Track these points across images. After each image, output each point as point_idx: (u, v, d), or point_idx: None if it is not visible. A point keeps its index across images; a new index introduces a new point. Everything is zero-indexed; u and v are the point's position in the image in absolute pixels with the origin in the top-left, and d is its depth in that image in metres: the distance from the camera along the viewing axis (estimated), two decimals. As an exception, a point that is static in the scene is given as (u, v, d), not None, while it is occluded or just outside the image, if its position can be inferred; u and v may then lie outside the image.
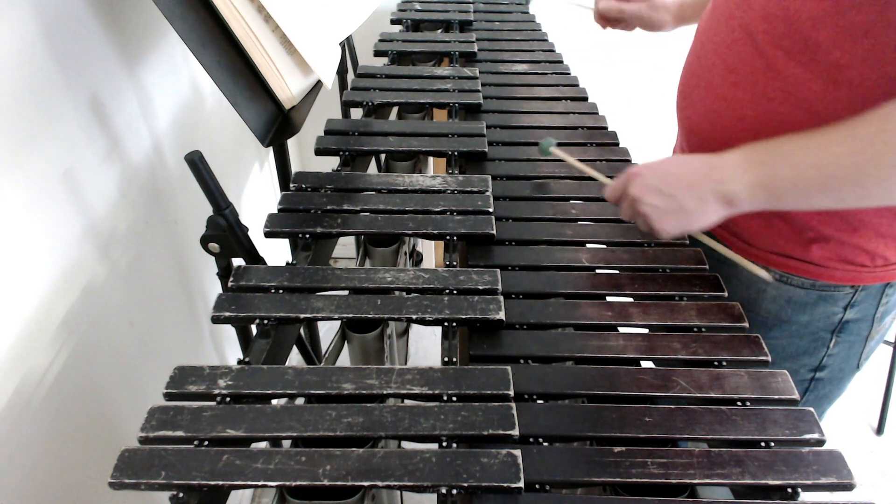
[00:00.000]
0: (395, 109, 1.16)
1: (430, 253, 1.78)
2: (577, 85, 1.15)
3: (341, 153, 0.93)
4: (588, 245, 0.79)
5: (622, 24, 1.00)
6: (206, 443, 0.53)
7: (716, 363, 0.64)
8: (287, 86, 0.94)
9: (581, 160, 0.91)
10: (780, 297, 0.78)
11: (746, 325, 0.68)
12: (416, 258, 1.35)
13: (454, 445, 0.54)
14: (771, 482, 0.53)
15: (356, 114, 1.10)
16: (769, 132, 0.67)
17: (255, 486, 0.50)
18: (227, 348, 1.41)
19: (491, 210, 0.81)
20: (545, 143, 0.91)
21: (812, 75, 0.64)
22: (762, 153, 0.62)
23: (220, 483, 0.50)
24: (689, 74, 0.79)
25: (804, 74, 0.64)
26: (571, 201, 0.86)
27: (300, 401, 0.59)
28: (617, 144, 0.98)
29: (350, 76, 1.30)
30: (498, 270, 0.71)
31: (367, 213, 0.80)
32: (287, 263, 0.73)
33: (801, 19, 0.63)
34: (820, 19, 0.61)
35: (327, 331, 1.79)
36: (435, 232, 0.77)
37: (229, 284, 0.69)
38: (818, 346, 0.80)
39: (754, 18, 0.67)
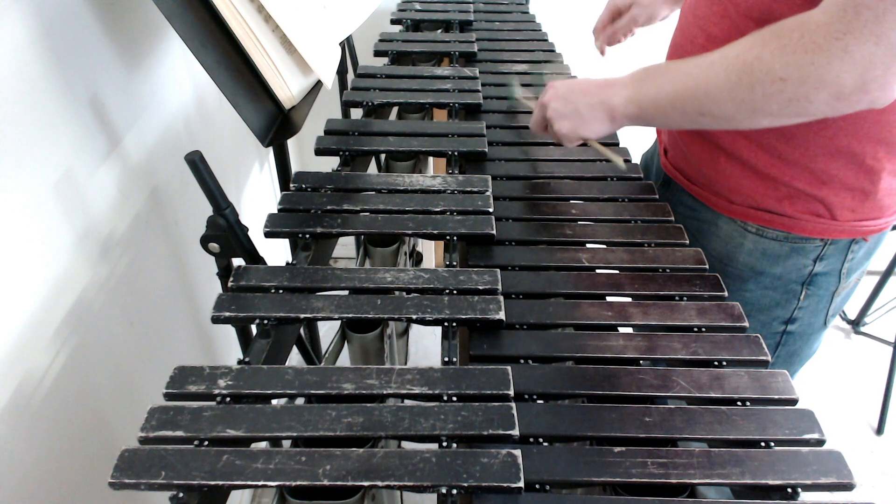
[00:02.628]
0: (395, 109, 1.16)
1: (430, 253, 1.78)
2: (577, 85, 1.15)
3: (341, 153, 0.93)
4: (588, 245, 0.79)
5: (619, 40, 1.09)
6: (206, 443, 0.53)
7: (716, 363, 0.64)
8: (287, 86, 0.94)
9: (580, 160, 0.91)
10: (755, 251, 0.83)
11: (746, 324, 0.68)
12: (416, 258, 1.35)
13: (454, 445, 0.54)
14: (771, 482, 0.53)
15: (356, 114, 1.10)
16: None
17: (255, 486, 0.50)
18: (227, 348, 1.41)
19: (491, 210, 0.81)
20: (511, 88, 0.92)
21: None
22: (642, 73, 0.71)
23: (220, 483, 0.50)
24: (674, 47, 0.85)
25: None
26: (571, 201, 0.86)
27: (300, 401, 0.59)
28: (617, 144, 0.98)
29: (350, 76, 1.30)
30: (498, 270, 0.71)
31: (367, 213, 0.80)
32: (287, 263, 0.73)
33: None
34: None
35: (327, 331, 1.79)
36: (435, 232, 0.77)
37: (229, 284, 0.69)
38: (790, 298, 0.85)
39: None
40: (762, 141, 0.75)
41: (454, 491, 0.50)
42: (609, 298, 0.72)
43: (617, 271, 0.76)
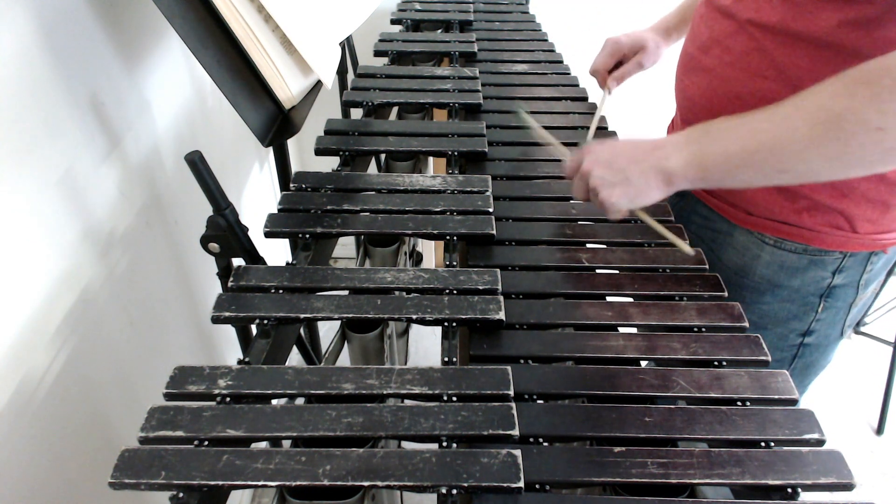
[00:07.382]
0: (395, 109, 1.16)
1: (430, 253, 1.78)
2: (577, 85, 1.15)
3: (341, 153, 0.93)
4: (588, 245, 0.79)
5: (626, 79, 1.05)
6: (206, 443, 0.53)
7: (716, 363, 0.64)
8: (287, 86, 0.94)
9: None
10: (773, 263, 0.82)
11: (746, 324, 0.68)
12: (416, 258, 1.35)
13: (454, 445, 0.54)
14: (771, 482, 0.53)
15: (356, 114, 1.10)
16: (761, 106, 0.70)
17: (255, 486, 0.50)
18: (227, 348, 1.41)
19: (491, 210, 0.81)
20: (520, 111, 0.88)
21: (800, 53, 0.69)
22: (697, 132, 0.65)
23: (220, 483, 0.50)
24: (686, 58, 0.84)
25: (792, 54, 0.69)
26: (571, 201, 0.86)
27: (300, 401, 0.59)
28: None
29: (350, 76, 1.30)
30: (498, 270, 0.71)
31: (367, 213, 0.80)
32: (287, 263, 0.73)
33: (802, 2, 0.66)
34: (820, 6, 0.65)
35: (327, 331, 1.79)
36: (435, 232, 0.77)
37: (229, 284, 0.69)
38: (807, 311, 0.84)
39: (747, 8, 0.73)
40: None
41: (454, 491, 0.50)
42: (609, 298, 0.72)
43: (617, 271, 0.76)
